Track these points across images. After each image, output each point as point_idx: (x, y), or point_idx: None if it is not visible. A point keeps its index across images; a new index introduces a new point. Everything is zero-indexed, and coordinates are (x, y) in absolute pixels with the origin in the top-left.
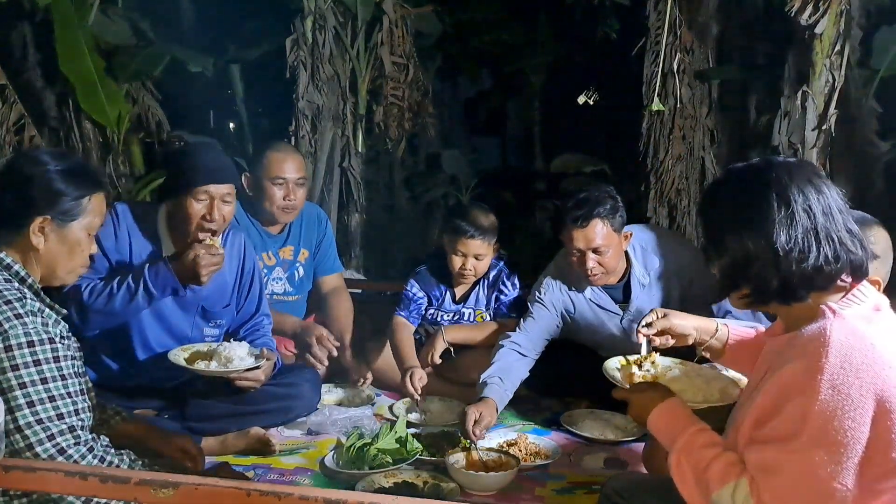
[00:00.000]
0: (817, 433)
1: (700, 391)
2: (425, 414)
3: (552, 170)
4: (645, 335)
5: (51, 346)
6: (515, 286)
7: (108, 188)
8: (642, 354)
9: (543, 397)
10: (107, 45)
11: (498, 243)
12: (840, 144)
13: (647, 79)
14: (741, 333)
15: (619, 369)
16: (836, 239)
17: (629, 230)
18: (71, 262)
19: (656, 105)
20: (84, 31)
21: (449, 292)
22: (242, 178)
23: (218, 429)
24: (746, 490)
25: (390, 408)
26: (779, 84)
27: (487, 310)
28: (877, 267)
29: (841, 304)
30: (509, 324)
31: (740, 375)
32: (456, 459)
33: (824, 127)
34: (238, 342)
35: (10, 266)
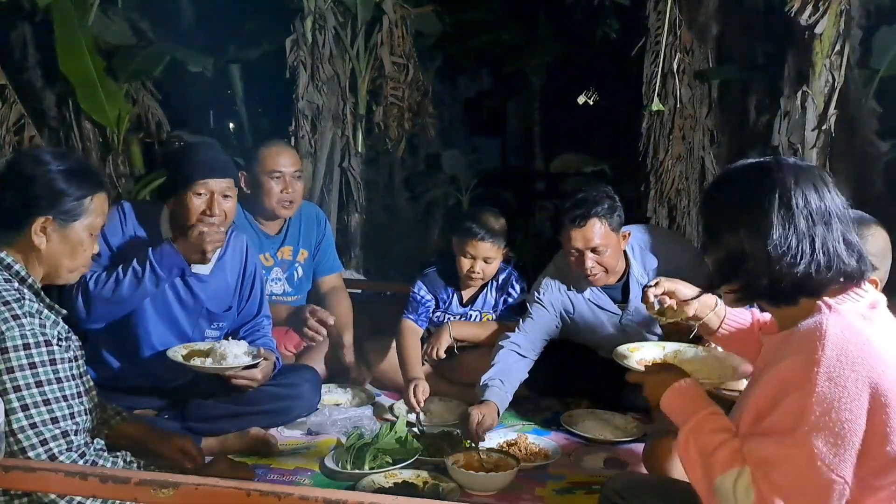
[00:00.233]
0: (815, 425)
1: (715, 371)
2: (425, 414)
3: (552, 170)
4: (654, 294)
5: (47, 349)
6: (523, 289)
7: (110, 188)
8: (654, 311)
9: (543, 397)
10: (107, 45)
11: (507, 247)
12: (840, 144)
13: (647, 79)
14: (737, 315)
15: (631, 353)
16: (832, 249)
17: (627, 230)
18: (73, 262)
19: (656, 105)
20: (84, 31)
21: (456, 295)
22: (240, 177)
23: (218, 429)
24: (748, 479)
25: (390, 408)
26: (779, 84)
27: (494, 312)
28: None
29: (837, 300)
30: (512, 325)
31: None
32: (456, 459)
33: (824, 127)
34: (236, 341)
35: (11, 266)
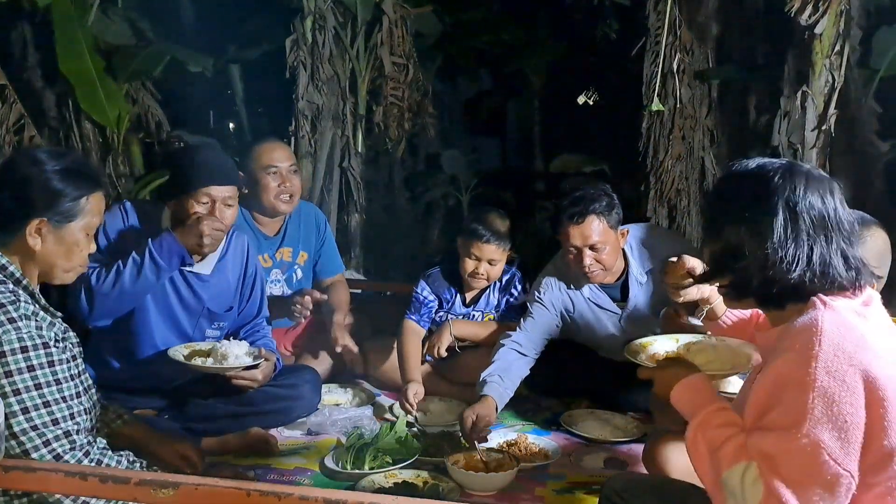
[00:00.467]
0: (820, 419)
1: (728, 360)
2: (425, 415)
3: (552, 170)
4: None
5: (45, 351)
6: (525, 289)
7: (108, 187)
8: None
9: (543, 397)
10: (106, 45)
11: (512, 249)
12: (840, 144)
13: (647, 79)
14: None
15: (642, 349)
16: (828, 261)
17: (625, 229)
18: (69, 263)
19: (656, 105)
20: (84, 31)
21: (459, 295)
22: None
23: (218, 429)
24: (755, 473)
25: (390, 408)
26: (779, 84)
27: (496, 313)
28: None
29: (832, 297)
30: (513, 325)
31: None
32: (456, 460)
33: (824, 127)
34: (237, 341)
35: (6, 267)
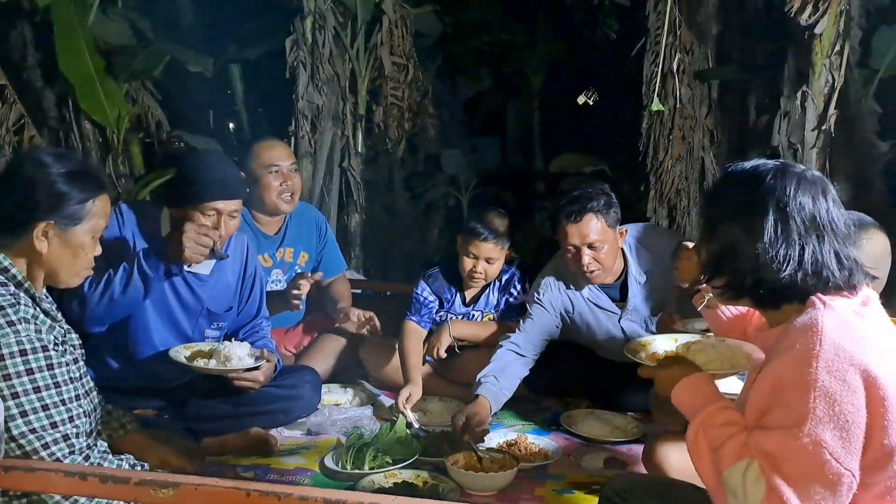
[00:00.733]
0: (821, 419)
1: (728, 359)
2: (425, 414)
3: (552, 170)
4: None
5: (44, 354)
6: (524, 289)
7: (111, 189)
8: None
9: (543, 397)
10: (106, 46)
11: (512, 249)
12: (840, 144)
13: (647, 79)
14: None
15: (642, 347)
16: (820, 261)
17: (623, 228)
18: (75, 266)
19: (656, 105)
20: (84, 31)
21: (459, 294)
22: None
23: (218, 429)
24: (757, 471)
25: (390, 408)
26: (779, 84)
27: (496, 313)
28: (873, 272)
29: (831, 297)
30: (512, 325)
31: None
32: (456, 460)
33: (824, 127)
34: (239, 342)
35: (8, 269)
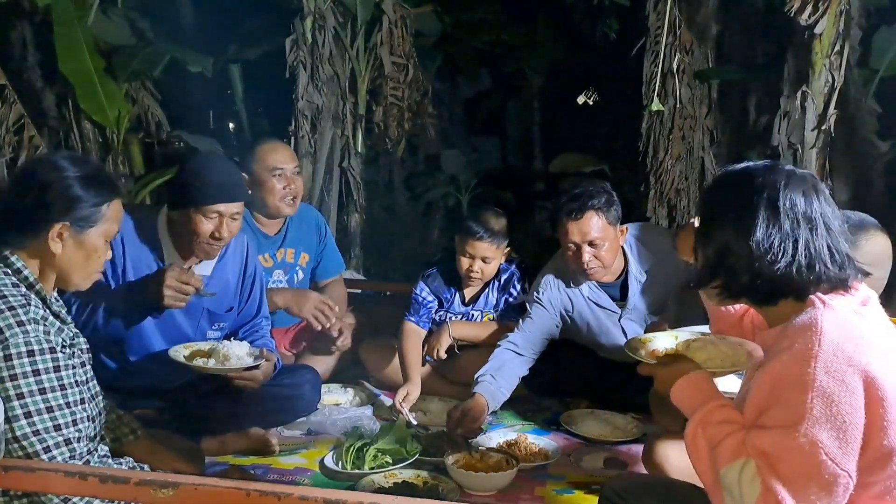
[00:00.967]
0: (818, 419)
1: (728, 357)
2: (425, 415)
3: (552, 170)
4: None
5: (51, 356)
6: (524, 289)
7: (125, 194)
8: None
9: (543, 397)
10: (106, 45)
11: (510, 248)
12: (840, 144)
13: (647, 79)
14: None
15: (642, 345)
16: (815, 253)
17: (625, 227)
18: (87, 269)
19: (656, 105)
20: (84, 31)
21: (458, 294)
22: None
23: (218, 429)
24: (753, 470)
25: (390, 408)
26: (778, 84)
27: (496, 312)
28: (871, 271)
29: (830, 296)
30: (512, 325)
31: None
32: (456, 460)
33: (824, 127)
34: (238, 342)
35: (20, 271)
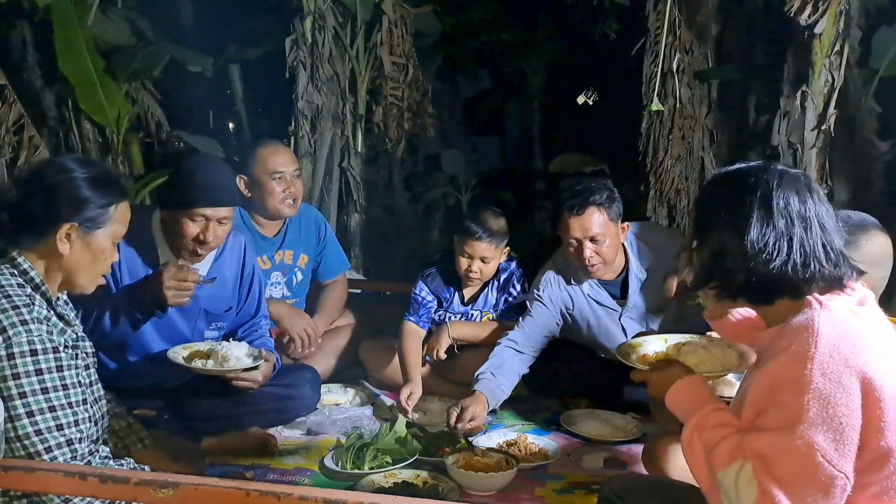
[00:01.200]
0: (814, 421)
1: (719, 360)
2: (425, 414)
3: (552, 170)
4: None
5: (54, 356)
6: (524, 289)
7: (132, 196)
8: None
9: (543, 397)
10: (106, 45)
11: (509, 247)
12: (840, 144)
13: (647, 79)
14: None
15: (632, 349)
16: (810, 250)
17: (626, 224)
18: (94, 270)
19: (656, 105)
20: (83, 31)
21: (458, 294)
22: (238, 181)
23: (218, 429)
24: (749, 473)
25: (390, 408)
26: (778, 84)
27: (495, 312)
28: (869, 271)
29: (826, 297)
30: (511, 325)
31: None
32: (456, 460)
33: (824, 127)
34: (237, 342)
35: (27, 272)
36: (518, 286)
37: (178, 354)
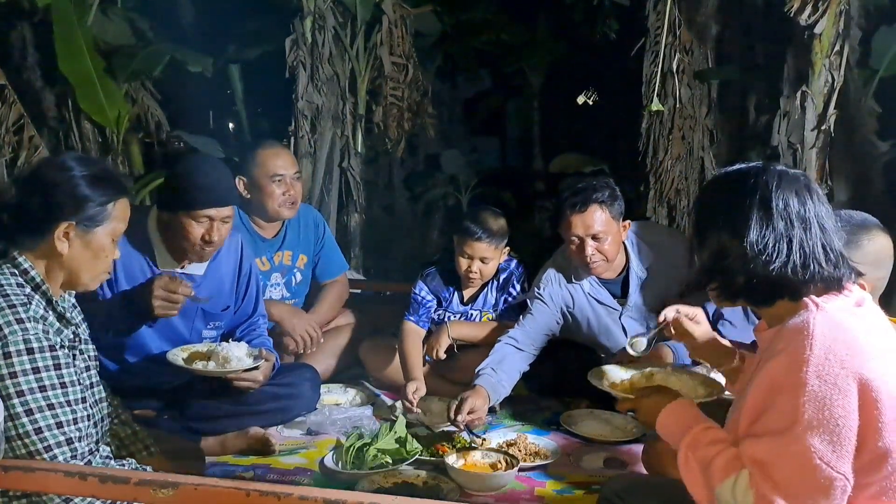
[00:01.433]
0: (810, 424)
1: (692, 389)
2: (425, 414)
3: (552, 170)
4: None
5: (51, 354)
6: (524, 289)
7: (132, 194)
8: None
9: (543, 397)
10: (106, 45)
11: (508, 248)
12: (840, 144)
13: (647, 79)
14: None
15: (603, 375)
16: (809, 252)
17: (627, 222)
18: (94, 268)
19: (656, 105)
20: (83, 31)
21: (457, 293)
22: (238, 182)
23: (218, 429)
24: (746, 482)
25: (390, 408)
26: (778, 84)
27: (495, 311)
28: (870, 271)
29: (823, 299)
30: (511, 324)
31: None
32: (455, 459)
33: (824, 127)
34: (236, 343)
35: (27, 271)
36: (518, 286)
37: (178, 357)
